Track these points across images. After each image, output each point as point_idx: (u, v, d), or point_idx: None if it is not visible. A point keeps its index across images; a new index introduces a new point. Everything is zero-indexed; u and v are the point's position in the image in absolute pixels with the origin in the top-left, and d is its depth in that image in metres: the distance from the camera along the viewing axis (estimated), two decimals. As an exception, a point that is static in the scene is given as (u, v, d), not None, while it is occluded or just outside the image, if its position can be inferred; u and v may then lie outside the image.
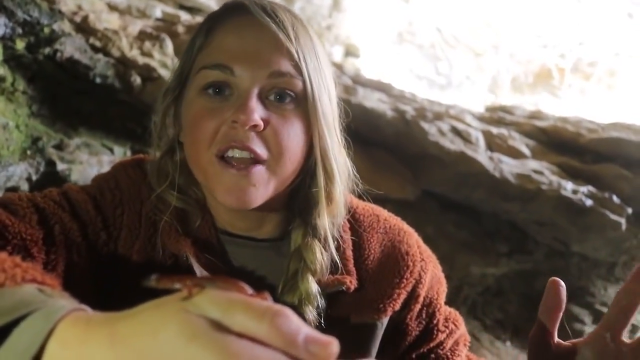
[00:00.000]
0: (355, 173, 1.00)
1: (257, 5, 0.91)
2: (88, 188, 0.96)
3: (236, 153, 0.87)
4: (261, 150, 0.86)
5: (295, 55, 0.88)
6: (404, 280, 0.99)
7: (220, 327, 0.41)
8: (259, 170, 0.86)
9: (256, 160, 0.86)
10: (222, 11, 0.96)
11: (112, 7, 2.84)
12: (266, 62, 0.87)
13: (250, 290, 0.46)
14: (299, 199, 0.97)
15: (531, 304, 3.24)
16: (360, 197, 1.06)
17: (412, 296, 1.00)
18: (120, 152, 2.52)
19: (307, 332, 0.40)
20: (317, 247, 0.94)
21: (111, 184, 0.98)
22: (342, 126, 1.02)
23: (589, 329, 3.30)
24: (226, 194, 0.87)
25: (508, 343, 3.07)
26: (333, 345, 0.40)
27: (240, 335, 0.40)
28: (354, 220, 1.03)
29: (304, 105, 0.88)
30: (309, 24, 0.98)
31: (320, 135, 0.90)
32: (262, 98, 0.88)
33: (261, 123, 0.85)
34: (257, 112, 0.85)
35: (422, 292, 1.02)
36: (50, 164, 2.30)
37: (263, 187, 0.88)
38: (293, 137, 0.89)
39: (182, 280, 0.47)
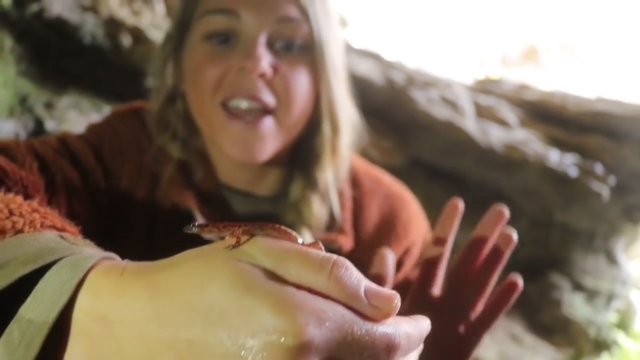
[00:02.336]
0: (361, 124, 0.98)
1: None
2: (86, 136, 0.93)
3: (243, 103, 0.83)
4: (269, 100, 0.83)
5: (303, 1, 0.85)
6: (397, 250, 0.96)
7: (275, 277, 0.37)
8: (268, 123, 0.83)
9: (265, 110, 0.83)
10: None
11: (101, -33, 2.79)
12: (273, 6, 0.84)
13: (301, 239, 0.43)
14: (301, 152, 0.94)
15: (513, 273, 3.31)
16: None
17: (399, 264, 0.96)
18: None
19: (368, 285, 0.38)
20: (316, 201, 0.92)
21: (109, 133, 0.94)
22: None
23: (567, 297, 3.40)
24: (234, 147, 0.84)
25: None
26: (396, 298, 0.38)
27: (297, 286, 0.36)
28: (355, 182, 1.00)
29: (311, 52, 0.86)
30: None
31: (328, 84, 0.87)
32: (270, 45, 0.85)
33: (270, 71, 0.83)
34: (266, 59, 0.82)
35: (407, 264, 1.00)
36: (39, 122, 2.28)
37: (271, 139, 0.85)
38: (302, 85, 0.85)
39: (229, 227, 0.43)
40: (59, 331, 0.38)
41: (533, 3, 4.92)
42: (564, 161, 2.61)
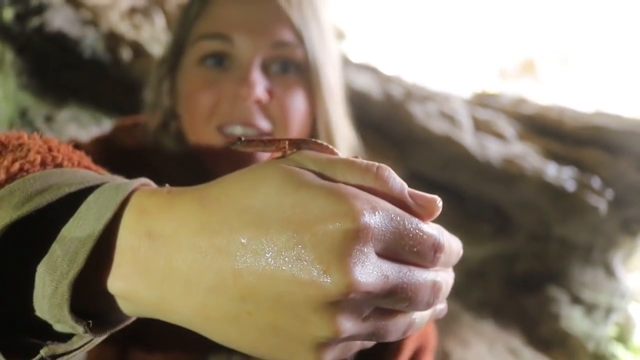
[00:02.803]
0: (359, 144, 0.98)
1: None
2: (96, 144, 0.94)
3: (238, 129, 0.83)
4: (264, 125, 0.83)
5: (298, 24, 0.85)
6: None
7: (325, 177, 0.38)
8: None
9: (261, 135, 0.82)
10: None
11: (102, -19, 2.81)
12: (268, 31, 0.84)
13: (341, 154, 0.43)
14: None
15: (512, 286, 3.32)
16: None
17: None
18: (110, 125, 2.51)
19: (410, 189, 0.39)
20: None
21: (114, 144, 0.95)
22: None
23: (566, 310, 3.39)
24: (231, 171, 0.83)
25: (488, 322, 3.14)
26: (439, 199, 0.39)
27: (347, 185, 0.37)
28: None
29: (307, 75, 0.86)
30: None
31: (324, 105, 0.87)
32: (265, 69, 0.85)
33: (265, 96, 0.83)
34: (261, 85, 0.83)
35: None
36: (39, 136, 2.29)
37: None
38: (298, 108, 0.85)
39: (274, 141, 0.43)
40: (104, 248, 0.38)
41: (531, 16, 4.96)
42: (561, 175, 2.62)
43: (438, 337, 1.03)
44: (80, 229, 0.38)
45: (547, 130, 2.89)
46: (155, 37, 2.48)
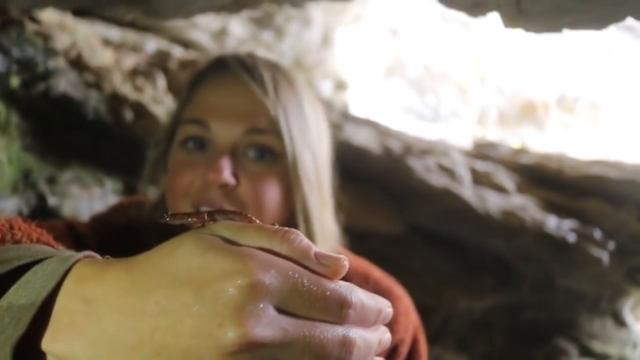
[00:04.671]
0: (342, 234, 0.99)
1: (237, 62, 0.92)
2: (91, 224, 0.98)
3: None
4: (233, 209, 0.86)
5: (274, 112, 0.87)
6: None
7: (234, 242, 0.42)
8: None
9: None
10: (206, 66, 0.98)
11: (107, 42, 2.90)
12: (242, 118, 0.87)
13: (259, 222, 0.47)
14: None
15: (518, 337, 3.25)
16: (346, 231, 1.05)
17: None
18: (112, 186, 2.54)
19: (318, 250, 0.42)
20: None
21: (111, 223, 0.99)
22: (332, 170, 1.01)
23: (575, 362, 3.31)
24: None
25: (495, 377, 3.07)
26: (344, 259, 0.42)
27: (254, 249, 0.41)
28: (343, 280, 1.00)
29: (285, 162, 0.88)
30: (295, 78, 0.97)
31: (302, 195, 0.89)
32: (239, 155, 0.88)
33: (232, 181, 0.85)
34: (227, 170, 0.85)
35: None
36: (41, 198, 2.32)
37: None
38: (270, 195, 0.87)
39: (195, 214, 0.49)
40: (48, 314, 0.42)
41: (531, 60, 5.03)
42: (562, 227, 2.61)
43: None
44: (26, 297, 0.42)
45: (546, 180, 2.89)
46: (157, 98, 2.53)
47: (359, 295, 0.41)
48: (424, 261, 2.71)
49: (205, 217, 0.48)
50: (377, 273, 1.08)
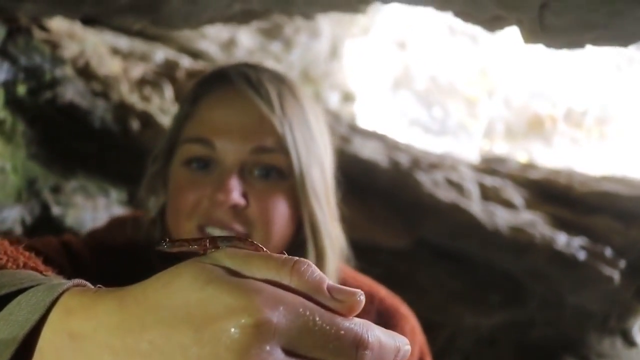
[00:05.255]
0: (349, 247, 0.98)
1: (241, 76, 0.89)
2: (87, 241, 0.96)
3: (216, 231, 0.85)
4: (242, 229, 0.85)
5: (281, 129, 0.85)
6: None
7: (238, 274, 0.38)
8: None
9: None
10: (208, 80, 0.95)
11: (115, 51, 2.89)
12: (249, 137, 0.85)
13: (266, 251, 0.43)
14: None
15: (525, 355, 3.20)
16: (353, 245, 1.03)
17: None
18: (117, 196, 2.52)
19: (331, 283, 0.38)
20: None
21: (108, 239, 0.98)
22: (337, 180, 1.00)
23: (583, 381, 3.25)
24: None
25: (502, 396, 3.02)
26: (360, 293, 0.38)
27: (260, 281, 0.37)
28: None
29: (292, 179, 0.86)
30: (300, 90, 0.95)
31: (310, 211, 0.88)
32: (245, 174, 0.86)
33: (242, 202, 0.84)
34: (237, 191, 0.83)
35: None
36: (45, 207, 2.30)
37: None
38: (279, 213, 0.86)
39: (196, 240, 0.46)
40: (31, 350, 0.39)
41: (539, 74, 5.02)
42: (572, 244, 2.57)
43: None
44: (7, 331, 0.39)
45: (555, 196, 2.86)
46: (164, 108, 2.52)
47: (376, 334, 0.38)
48: (431, 276, 2.67)
49: (207, 245, 0.45)
50: (382, 292, 1.06)
